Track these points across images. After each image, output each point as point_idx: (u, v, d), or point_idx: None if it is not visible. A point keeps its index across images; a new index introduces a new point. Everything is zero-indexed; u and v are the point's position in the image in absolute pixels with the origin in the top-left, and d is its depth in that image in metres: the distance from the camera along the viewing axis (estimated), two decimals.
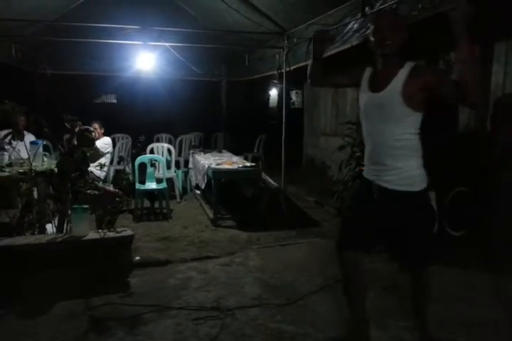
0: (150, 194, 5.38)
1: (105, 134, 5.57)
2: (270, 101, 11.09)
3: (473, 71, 1.72)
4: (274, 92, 10.90)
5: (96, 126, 5.35)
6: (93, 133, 4.48)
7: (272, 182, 5.54)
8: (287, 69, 5.43)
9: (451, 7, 1.71)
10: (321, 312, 2.66)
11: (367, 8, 3.60)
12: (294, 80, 6.20)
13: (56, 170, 3.34)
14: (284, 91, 5.94)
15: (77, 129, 3.38)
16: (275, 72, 5.94)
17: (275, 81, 9.38)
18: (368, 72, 2.05)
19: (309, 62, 2.27)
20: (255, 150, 7.98)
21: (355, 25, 3.93)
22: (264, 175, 5.37)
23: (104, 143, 5.37)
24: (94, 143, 4.42)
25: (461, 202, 3.77)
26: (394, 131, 1.92)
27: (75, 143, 3.35)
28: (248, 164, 5.22)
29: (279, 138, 5.79)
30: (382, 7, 3.42)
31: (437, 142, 3.75)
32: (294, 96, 10.30)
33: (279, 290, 2.98)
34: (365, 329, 2.15)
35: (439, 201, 3.59)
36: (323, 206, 5.53)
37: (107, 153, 5.47)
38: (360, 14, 3.71)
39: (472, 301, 2.77)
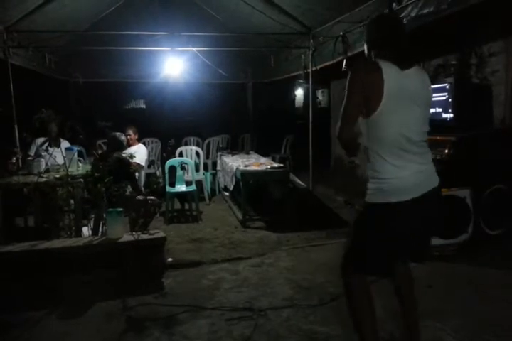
0: (180, 196, 5.47)
1: (137, 140, 5.68)
2: (296, 101, 11.04)
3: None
4: (299, 92, 10.85)
5: (130, 131, 5.46)
6: (122, 137, 4.62)
7: (300, 182, 5.53)
8: (313, 68, 5.41)
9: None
10: None
11: (394, 5, 3.54)
12: (320, 79, 6.16)
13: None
14: (310, 91, 5.91)
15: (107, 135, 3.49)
16: (301, 72, 5.92)
17: (301, 81, 9.35)
18: None
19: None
20: (283, 151, 7.97)
21: None
22: (292, 176, 5.36)
23: (142, 151, 5.42)
24: (124, 147, 4.55)
25: (498, 199, 3.64)
26: None
27: (106, 148, 3.45)
28: (276, 165, 5.22)
29: (306, 138, 5.77)
30: (409, 3, 3.36)
31: (472, 138, 3.65)
32: (320, 95, 10.21)
33: (311, 291, 2.97)
34: None
35: (475, 198, 3.50)
36: (353, 206, 5.46)
37: (145, 161, 5.59)
38: (387, 11, 3.65)
39: None
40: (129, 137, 5.46)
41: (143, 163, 5.39)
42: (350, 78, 1.76)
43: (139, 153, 5.23)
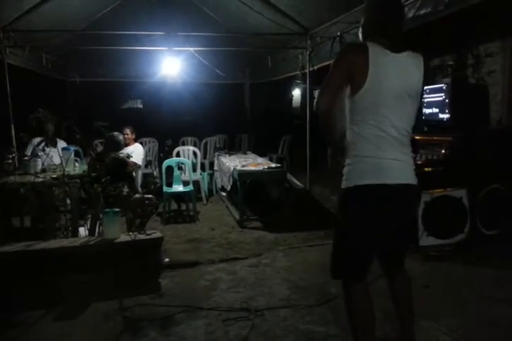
0: (176, 196, 5.47)
1: (134, 140, 5.69)
2: (293, 101, 11.04)
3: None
4: (297, 92, 10.84)
5: (128, 131, 5.47)
6: (120, 137, 4.61)
7: (297, 182, 5.53)
8: (311, 69, 5.41)
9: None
10: None
11: None
12: (317, 80, 6.16)
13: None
14: (307, 91, 5.92)
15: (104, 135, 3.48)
16: (298, 72, 5.93)
17: (298, 81, 9.35)
18: None
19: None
20: (280, 151, 7.97)
21: None
22: (289, 176, 5.36)
23: (139, 152, 5.44)
24: (121, 147, 4.54)
25: (494, 199, 3.65)
26: None
27: (103, 148, 3.45)
28: (273, 165, 5.22)
29: (303, 138, 5.77)
30: (406, 3, 3.37)
31: (469, 138, 3.66)
32: (317, 95, 10.22)
33: (308, 291, 2.97)
34: None
35: (472, 199, 3.51)
36: None
37: (142, 161, 5.60)
38: None
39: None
40: (127, 136, 5.46)
41: (139, 163, 5.39)
42: (336, 57, 1.82)
43: (136, 152, 5.23)
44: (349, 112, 1.84)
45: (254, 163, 5.36)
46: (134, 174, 5.18)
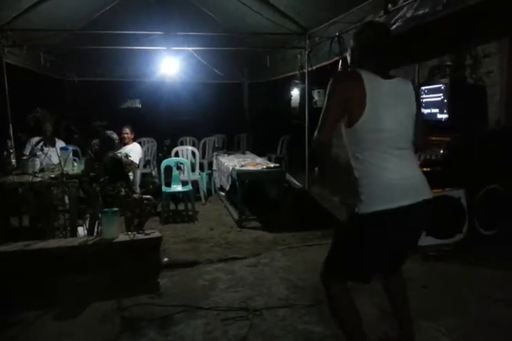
0: (173, 196, 5.47)
1: (133, 139, 5.69)
2: (292, 101, 11.05)
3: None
4: (295, 92, 10.85)
5: (128, 130, 5.48)
6: (113, 136, 4.61)
7: (296, 182, 5.53)
8: (309, 69, 5.41)
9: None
10: None
11: (390, 6, 3.55)
12: (316, 80, 6.17)
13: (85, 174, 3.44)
14: (306, 91, 5.92)
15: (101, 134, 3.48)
16: (297, 72, 5.93)
17: (297, 81, 9.36)
18: None
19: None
20: (279, 151, 7.97)
21: None
22: (288, 176, 5.36)
23: (137, 151, 5.45)
24: (115, 146, 4.55)
25: (493, 199, 3.66)
26: None
27: (100, 147, 3.45)
28: (272, 165, 5.23)
29: (302, 138, 5.77)
30: (405, 4, 3.37)
31: (467, 138, 3.67)
32: (316, 95, 10.22)
33: (307, 291, 2.97)
34: None
35: (470, 199, 3.52)
36: (349, 206, 5.47)
37: (139, 160, 5.60)
38: (382, 12, 3.66)
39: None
40: (126, 136, 5.47)
41: (137, 161, 5.39)
42: (330, 87, 1.78)
43: (134, 151, 5.23)
44: (351, 141, 1.83)
45: (253, 162, 5.36)
46: (131, 173, 5.19)
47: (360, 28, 1.98)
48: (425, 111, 4.12)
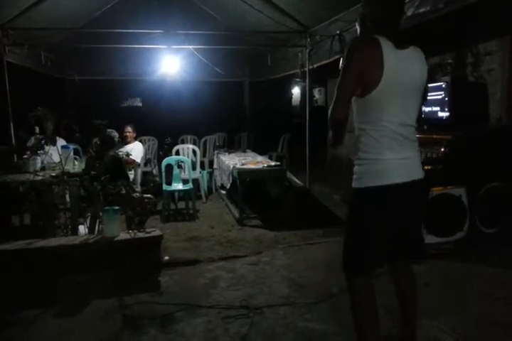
0: (172, 195, 5.48)
1: (134, 138, 5.70)
2: (293, 99, 11.04)
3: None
4: (296, 91, 10.84)
5: (130, 129, 5.48)
6: (113, 134, 4.62)
7: (297, 181, 5.53)
8: (310, 67, 5.41)
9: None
10: None
11: None
12: (316, 78, 6.16)
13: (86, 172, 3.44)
14: (307, 90, 5.91)
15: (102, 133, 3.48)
16: (298, 70, 5.92)
17: (298, 79, 9.34)
18: None
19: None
20: (279, 150, 7.97)
21: None
22: (289, 174, 5.36)
23: (139, 150, 5.47)
24: (115, 144, 4.55)
25: (493, 197, 3.66)
26: None
27: (101, 146, 3.45)
28: (273, 163, 5.22)
29: (303, 136, 5.77)
30: (406, 1, 3.36)
31: (468, 136, 3.66)
32: (316, 93, 10.21)
33: (308, 289, 2.98)
34: None
35: (471, 197, 3.52)
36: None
37: (141, 158, 5.62)
38: None
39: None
40: (128, 134, 5.48)
41: (138, 160, 5.39)
42: (347, 54, 1.71)
43: (135, 150, 5.24)
44: (360, 112, 1.79)
45: (254, 161, 5.36)
46: (132, 172, 5.19)
47: None
48: (426, 109, 4.11)
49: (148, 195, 3.65)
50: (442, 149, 3.59)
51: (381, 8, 1.79)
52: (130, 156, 3.99)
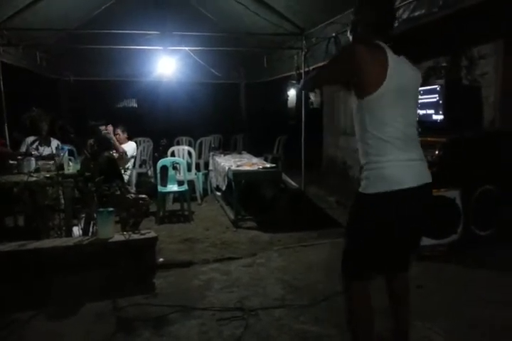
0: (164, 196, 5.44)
1: (128, 138, 5.67)
2: (288, 101, 11.05)
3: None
4: (292, 93, 10.83)
5: (119, 131, 5.45)
6: (109, 135, 4.61)
7: (292, 183, 5.55)
8: (306, 69, 5.43)
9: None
10: None
11: None
12: None
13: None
14: (303, 92, 5.92)
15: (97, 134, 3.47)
16: (294, 72, 5.94)
17: (294, 81, 9.35)
18: None
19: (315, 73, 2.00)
20: (275, 152, 7.98)
21: None
22: (284, 176, 5.37)
23: (129, 147, 5.47)
24: (112, 146, 4.54)
25: (488, 200, 3.68)
26: None
27: (97, 147, 3.44)
28: (268, 165, 5.23)
29: (298, 138, 5.79)
30: (401, 5, 3.39)
31: (463, 139, 3.69)
32: (312, 96, 10.22)
33: (303, 291, 2.98)
34: None
35: (465, 199, 3.54)
36: (345, 206, 5.49)
37: (132, 157, 5.59)
38: None
39: (509, 303, 2.68)
40: (117, 136, 5.44)
41: (128, 156, 5.36)
42: (345, 49, 1.75)
43: (128, 146, 5.26)
44: (364, 114, 1.76)
45: (249, 163, 5.36)
46: (127, 173, 5.18)
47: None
48: (421, 112, 4.13)
49: (143, 196, 3.64)
50: (436, 152, 3.61)
51: (375, 14, 1.83)
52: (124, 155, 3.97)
